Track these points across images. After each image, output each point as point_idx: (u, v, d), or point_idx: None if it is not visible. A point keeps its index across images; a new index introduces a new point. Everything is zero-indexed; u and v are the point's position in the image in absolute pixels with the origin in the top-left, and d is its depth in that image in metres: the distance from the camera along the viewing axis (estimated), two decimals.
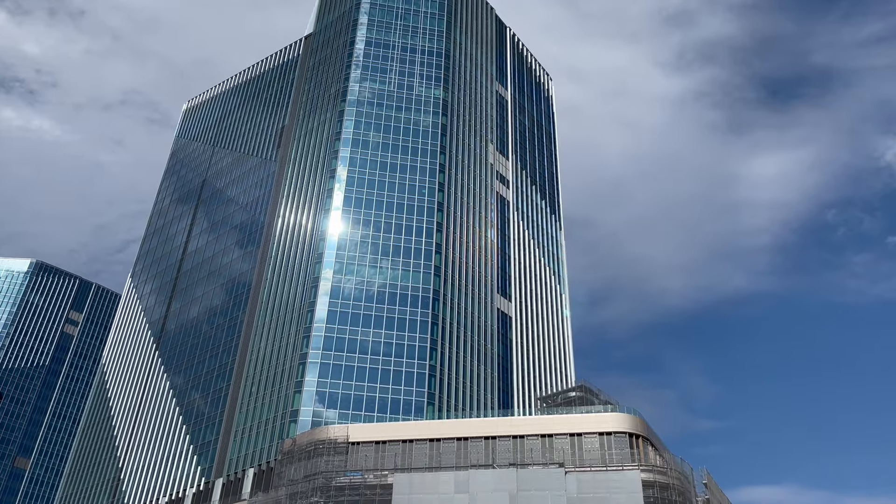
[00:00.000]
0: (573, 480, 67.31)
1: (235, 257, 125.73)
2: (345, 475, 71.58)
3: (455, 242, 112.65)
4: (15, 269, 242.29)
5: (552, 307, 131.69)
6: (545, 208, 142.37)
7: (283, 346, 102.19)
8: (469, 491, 67.96)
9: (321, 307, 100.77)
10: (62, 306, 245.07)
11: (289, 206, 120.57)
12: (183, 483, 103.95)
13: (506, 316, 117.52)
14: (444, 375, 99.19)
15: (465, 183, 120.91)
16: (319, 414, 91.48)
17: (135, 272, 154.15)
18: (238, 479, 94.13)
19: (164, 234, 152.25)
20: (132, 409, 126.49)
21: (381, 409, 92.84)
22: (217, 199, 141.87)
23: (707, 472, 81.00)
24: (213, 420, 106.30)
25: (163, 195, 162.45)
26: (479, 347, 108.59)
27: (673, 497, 67.57)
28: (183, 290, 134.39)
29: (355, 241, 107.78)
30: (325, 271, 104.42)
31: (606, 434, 72.28)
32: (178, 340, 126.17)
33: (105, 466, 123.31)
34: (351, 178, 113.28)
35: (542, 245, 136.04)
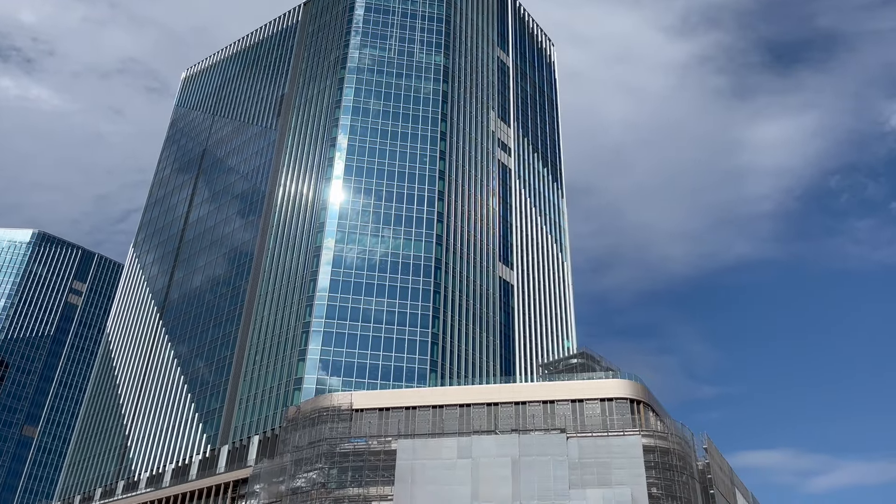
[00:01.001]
0: (574, 445, 68.10)
1: (237, 227, 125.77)
2: (349, 441, 72.44)
3: (457, 211, 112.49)
4: (17, 240, 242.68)
5: (554, 275, 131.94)
6: (547, 176, 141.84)
7: (286, 314, 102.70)
8: (472, 456, 68.81)
9: (323, 276, 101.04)
10: (65, 276, 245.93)
11: (290, 175, 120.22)
12: (189, 450, 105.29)
13: (508, 284, 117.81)
14: (447, 343, 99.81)
15: (466, 151, 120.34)
16: (323, 382, 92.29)
17: (137, 242, 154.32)
18: (243, 446, 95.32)
19: (166, 203, 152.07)
20: (137, 377, 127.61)
21: (384, 376, 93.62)
22: (218, 168, 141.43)
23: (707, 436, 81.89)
24: (218, 388, 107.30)
25: (163, 165, 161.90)
26: (481, 315, 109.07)
27: (673, 461, 68.39)
28: (185, 260, 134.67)
29: (357, 210, 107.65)
30: (327, 240, 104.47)
31: (607, 400, 72.94)
32: (182, 310, 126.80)
33: (112, 434, 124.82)
34: (352, 147, 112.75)
35: (543, 213, 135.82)
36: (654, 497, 65.75)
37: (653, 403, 75.69)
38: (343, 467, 71.08)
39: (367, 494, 69.20)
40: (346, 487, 69.91)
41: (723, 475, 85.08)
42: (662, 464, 67.75)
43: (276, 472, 77.05)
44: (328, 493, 69.73)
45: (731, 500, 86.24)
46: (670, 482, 67.09)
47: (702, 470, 78.21)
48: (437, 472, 68.32)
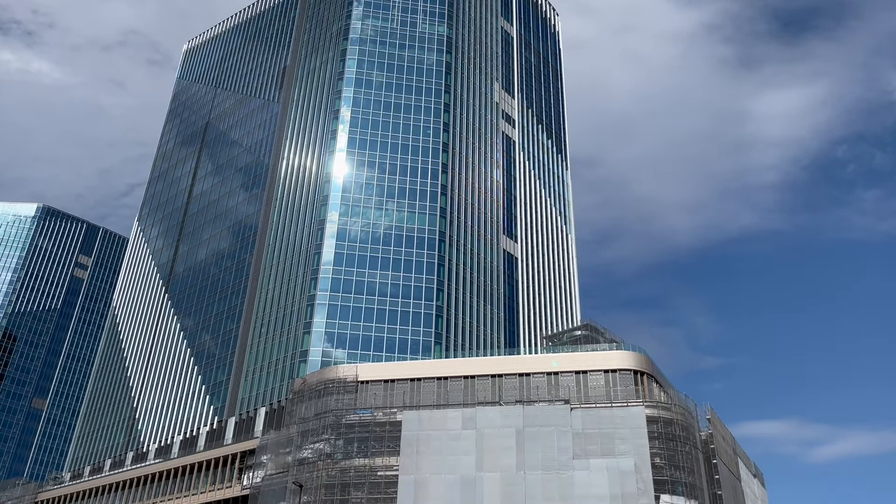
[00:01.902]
0: (578, 416, 68.61)
1: (241, 200, 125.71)
2: (354, 413, 73.09)
3: (460, 183, 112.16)
4: (22, 214, 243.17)
5: (558, 247, 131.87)
6: (551, 148, 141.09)
7: (290, 287, 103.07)
8: (476, 427, 69.42)
9: (328, 249, 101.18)
10: (71, 250, 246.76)
11: (293, 147, 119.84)
12: (197, 422, 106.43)
13: (512, 256, 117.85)
14: (451, 316, 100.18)
15: (470, 123, 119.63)
16: (328, 354, 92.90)
17: (141, 216, 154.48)
18: (250, 418, 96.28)
19: (169, 177, 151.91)
20: (144, 350, 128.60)
21: (388, 349, 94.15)
22: (221, 141, 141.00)
23: (710, 407, 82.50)
24: (224, 361, 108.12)
25: (166, 138, 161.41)
26: (486, 288, 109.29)
27: (676, 432, 68.91)
28: (190, 234, 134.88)
29: (360, 184, 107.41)
30: (331, 214, 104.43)
31: (611, 371, 73.32)
32: (187, 283, 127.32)
33: (120, 406, 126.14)
34: (355, 119, 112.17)
35: (547, 185, 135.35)
36: (658, 467, 66.37)
37: (656, 374, 76.08)
38: (349, 438, 71.81)
39: (372, 465, 69.99)
40: (353, 458, 70.70)
41: (726, 445, 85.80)
42: (666, 434, 68.28)
43: (283, 443, 77.90)
44: (334, 464, 70.55)
45: (733, 470, 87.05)
46: (673, 452, 67.67)
47: (705, 440, 78.87)
48: (442, 443, 69.00)
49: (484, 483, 66.75)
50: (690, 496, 66.69)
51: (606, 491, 64.70)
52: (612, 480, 65.09)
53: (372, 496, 68.46)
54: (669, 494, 65.60)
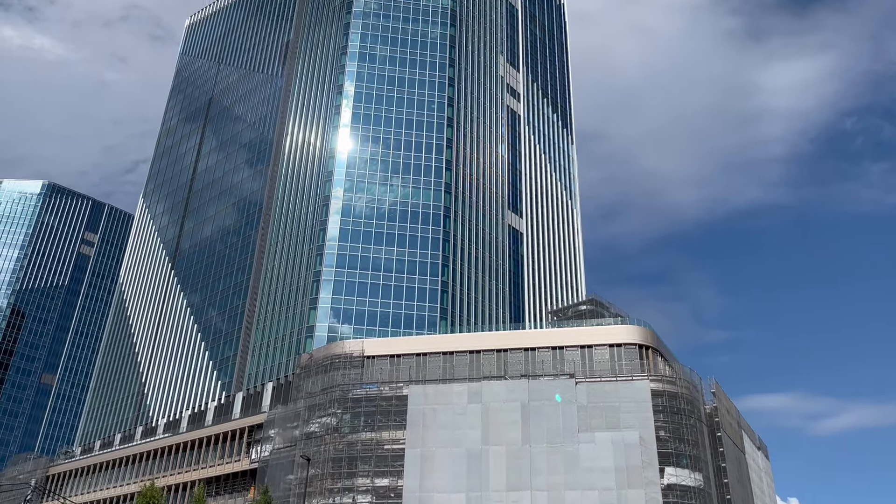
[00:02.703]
0: (583, 390, 68.94)
1: (246, 176, 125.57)
2: (361, 387, 73.59)
3: (465, 158, 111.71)
4: (28, 191, 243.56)
5: (563, 222, 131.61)
6: (557, 122, 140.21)
7: (296, 263, 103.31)
8: (482, 401, 69.86)
9: (333, 225, 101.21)
10: (77, 227, 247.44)
11: (297, 123, 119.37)
12: (205, 397, 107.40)
13: (517, 232, 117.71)
14: (457, 291, 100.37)
15: (475, 97, 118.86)
16: (335, 329, 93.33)
17: (146, 193, 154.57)
18: (257, 393, 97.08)
19: (174, 153, 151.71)
20: (152, 326, 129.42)
21: (394, 324, 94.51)
22: (225, 117, 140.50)
23: (715, 381, 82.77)
24: (231, 336, 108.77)
25: (170, 114, 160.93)
26: (491, 263, 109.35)
27: (681, 406, 69.24)
28: (195, 210, 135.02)
29: (365, 159, 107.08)
30: (336, 190, 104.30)
31: (616, 346, 73.49)
32: (193, 259, 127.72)
33: (129, 382, 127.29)
34: (359, 94, 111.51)
35: (553, 160, 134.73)
36: (662, 440, 66.80)
37: (661, 349, 76.26)
38: (356, 412, 72.39)
39: (379, 439, 70.62)
40: (359, 432, 71.32)
41: (730, 418, 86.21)
42: (670, 408, 68.62)
43: (290, 417, 78.61)
44: (341, 438, 71.20)
45: (738, 443, 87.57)
46: (678, 426, 68.06)
47: (709, 413, 79.24)
48: (448, 417, 69.51)
49: (489, 456, 67.34)
50: (695, 468, 67.20)
51: (611, 464, 65.21)
52: (617, 453, 65.57)
53: (378, 469, 69.17)
54: (674, 467, 66.11)
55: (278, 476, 74.30)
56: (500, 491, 65.59)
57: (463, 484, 66.46)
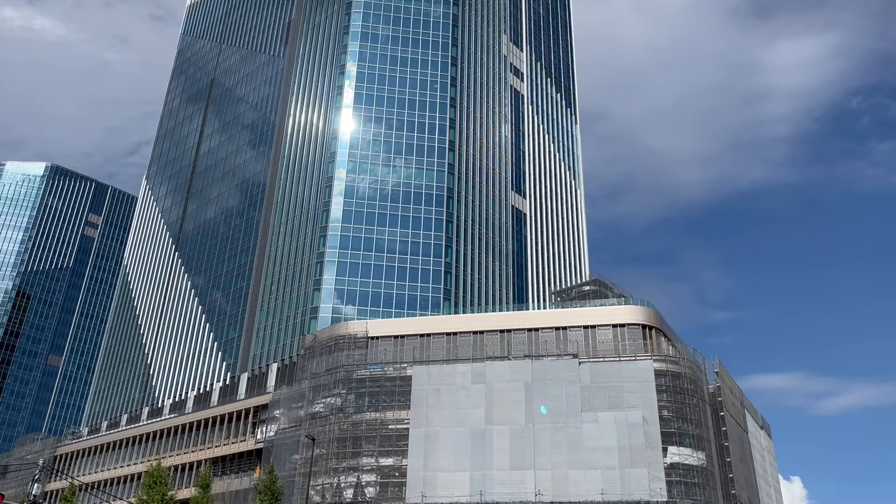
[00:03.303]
0: (587, 370, 69.19)
1: (248, 157, 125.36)
2: (365, 368, 73.93)
3: (468, 139, 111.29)
4: (31, 173, 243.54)
5: (567, 203, 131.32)
6: (560, 101, 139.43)
7: (300, 245, 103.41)
8: (485, 381, 70.18)
9: (336, 207, 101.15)
10: (81, 209, 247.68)
11: (299, 104, 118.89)
12: (210, 377, 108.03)
13: (520, 213, 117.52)
14: (460, 272, 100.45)
15: (478, 76, 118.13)
16: (339, 310, 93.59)
17: (149, 174, 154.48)
18: (262, 374, 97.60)
19: (176, 135, 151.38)
20: (157, 308, 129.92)
21: (398, 305, 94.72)
22: (227, 98, 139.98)
23: (718, 361, 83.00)
24: (236, 318, 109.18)
25: (172, 96, 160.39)
26: (494, 244, 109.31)
27: (684, 385, 69.48)
28: (198, 192, 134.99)
29: (367, 140, 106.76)
30: (339, 171, 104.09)
31: (620, 326, 73.62)
32: (197, 241, 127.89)
33: (135, 363, 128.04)
34: (361, 74, 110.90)
35: (556, 140, 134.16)
36: (665, 419, 67.10)
37: (665, 329, 76.38)
38: (360, 393, 72.78)
39: (383, 418, 71.05)
40: (364, 412, 71.76)
41: (733, 398, 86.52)
42: (674, 387, 68.87)
43: (295, 397, 79.07)
44: (346, 418, 71.66)
45: (740, 422, 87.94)
46: (681, 405, 68.34)
47: (712, 393, 79.53)
48: (452, 397, 69.88)
49: (493, 436, 67.77)
50: (697, 447, 67.56)
51: (614, 443, 65.59)
52: (620, 432, 65.93)
53: (383, 449, 69.66)
54: (677, 446, 66.48)
55: (284, 456, 74.89)
56: (503, 470, 66.08)
57: (467, 463, 66.96)
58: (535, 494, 64.13)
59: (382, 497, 67.65)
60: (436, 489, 65.80)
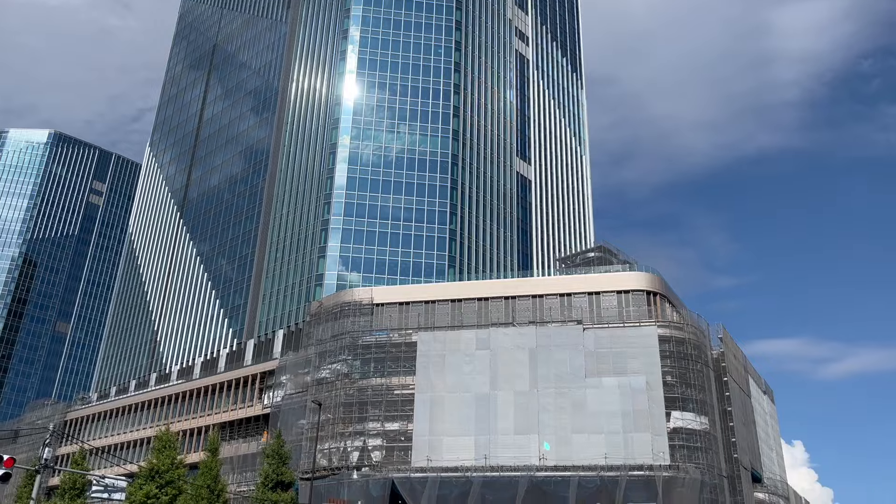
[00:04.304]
0: (591, 336, 69.43)
1: (252, 124, 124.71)
2: (371, 334, 74.33)
3: (473, 104, 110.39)
4: (35, 141, 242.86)
5: (572, 169, 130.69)
6: (566, 66, 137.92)
7: (304, 212, 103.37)
8: (490, 348, 70.55)
9: (340, 174, 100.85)
10: (85, 177, 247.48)
11: (302, 69, 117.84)
12: (217, 344, 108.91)
13: (525, 179, 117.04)
14: (465, 239, 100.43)
15: (482, 41, 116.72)
16: (344, 277, 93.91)
17: (153, 141, 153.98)
18: (269, 340, 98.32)
19: (179, 102, 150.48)
20: (163, 275, 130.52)
21: (403, 272, 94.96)
22: (229, 64, 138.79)
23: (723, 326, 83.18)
24: (241, 285, 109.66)
25: (174, 62, 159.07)
26: (499, 211, 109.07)
27: (688, 351, 69.74)
28: (202, 159, 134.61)
29: (371, 106, 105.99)
30: (343, 138, 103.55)
31: (624, 292, 73.67)
32: (202, 208, 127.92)
33: (142, 329, 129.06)
34: (364, 39, 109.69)
35: (562, 105, 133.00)
36: (669, 385, 67.51)
37: (669, 295, 76.46)
38: (366, 359, 73.31)
39: (389, 384, 71.65)
40: (370, 377, 72.36)
41: (737, 363, 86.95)
42: (677, 353, 69.13)
43: (301, 363, 79.73)
44: (352, 383, 72.30)
45: (744, 388, 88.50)
46: (685, 370, 68.68)
47: (716, 358, 79.89)
48: (457, 363, 70.35)
49: (498, 401, 68.34)
50: (701, 412, 68.06)
51: (618, 408, 66.08)
52: (624, 398, 66.40)
53: (389, 414, 70.38)
54: (680, 411, 66.97)
55: (290, 421, 75.75)
56: (508, 434, 66.75)
57: (472, 427, 67.65)
58: (538, 458, 64.87)
59: (388, 461, 68.54)
60: (441, 453, 66.59)
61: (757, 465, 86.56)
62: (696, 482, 63.78)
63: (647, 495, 61.98)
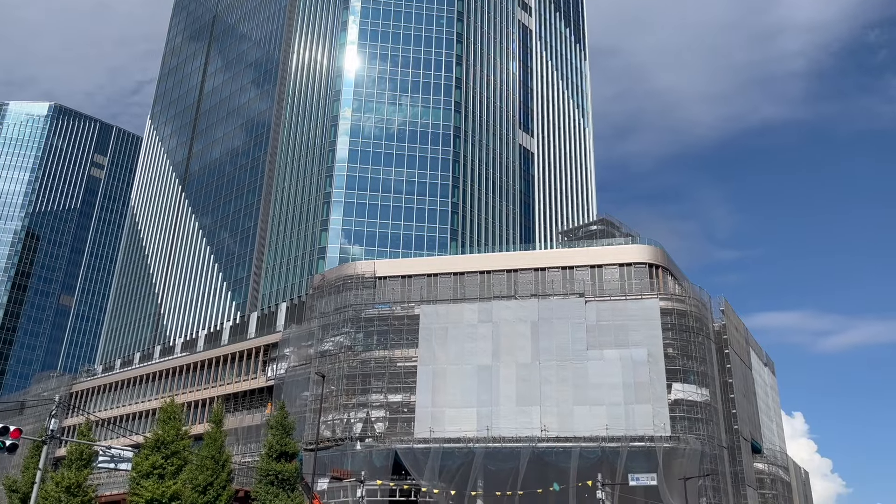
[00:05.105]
0: (593, 309, 69.64)
1: (253, 97, 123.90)
2: (373, 307, 74.63)
3: (475, 76, 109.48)
4: (35, 113, 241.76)
5: (575, 141, 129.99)
6: (569, 37, 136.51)
7: (306, 185, 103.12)
8: (492, 320, 70.82)
9: (342, 146, 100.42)
10: (86, 150, 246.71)
11: (303, 41, 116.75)
12: (220, 317, 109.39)
13: (528, 152, 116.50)
14: (467, 212, 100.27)
15: (485, 11, 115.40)
16: (346, 251, 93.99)
17: (153, 114, 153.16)
18: (272, 313, 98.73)
19: (179, 74, 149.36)
20: (166, 248, 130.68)
21: (405, 245, 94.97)
22: (230, 35, 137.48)
23: (724, 299, 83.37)
24: (244, 258, 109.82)
25: (174, 33, 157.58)
26: (501, 184, 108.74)
27: (690, 323, 69.98)
28: (203, 132, 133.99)
29: (373, 78, 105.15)
30: (344, 110, 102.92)
31: (626, 265, 73.78)
32: (203, 182, 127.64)
33: (145, 302, 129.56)
34: (366, 9, 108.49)
35: (565, 77, 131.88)
36: (670, 357, 67.85)
37: (671, 268, 76.52)
38: (369, 331, 73.67)
39: (392, 356, 72.09)
40: (372, 350, 72.78)
41: (738, 335, 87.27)
42: (679, 325, 69.37)
43: (305, 336, 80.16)
44: (355, 356, 72.74)
45: (745, 360, 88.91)
46: (686, 343, 68.98)
47: (718, 331, 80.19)
48: (460, 336, 70.67)
49: (500, 373, 68.78)
50: (702, 384, 68.47)
51: (619, 380, 66.49)
52: (625, 370, 66.77)
53: (392, 386, 70.90)
54: (681, 383, 67.37)
55: (294, 392, 76.36)
56: (510, 406, 67.29)
57: (474, 399, 68.16)
58: (540, 430, 65.42)
59: (391, 432, 69.18)
60: (443, 424, 67.16)
61: (757, 435, 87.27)
62: (697, 453, 64.37)
63: (647, 466, 62.62)
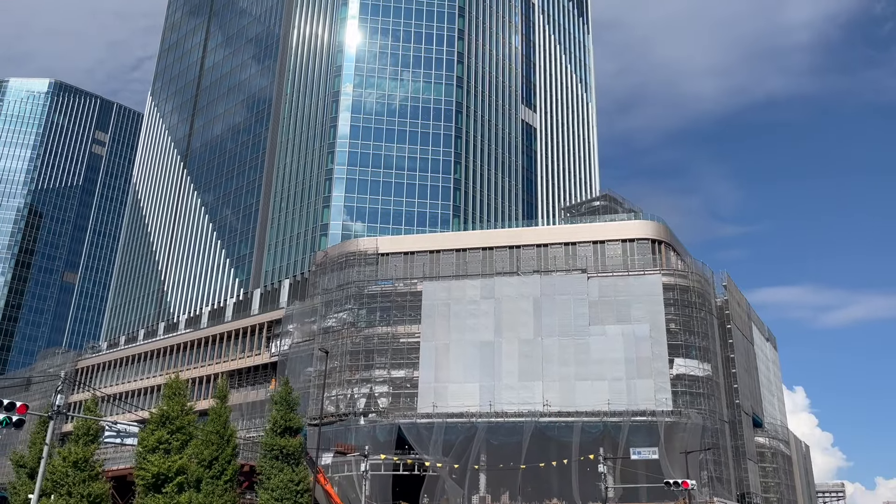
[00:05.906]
0: (595, 285, 69.75)
1: (253, 72, 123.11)
2: (376, 284, 74.81)
3: (477, 50, 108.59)
4: (35, 90, 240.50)
5: (578, 117, 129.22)
6: (573, 10, 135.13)
7: (308, 161, 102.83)
8: (495, 296, 71.01)
9: (343, 123, 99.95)
10: (87, 126, 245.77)
11: (303, 15, 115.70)
12: (224, 293, 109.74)
13: (530, 127, 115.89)
14: (469, 188, 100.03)
15: None
16: (348, 227, 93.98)
17: (154, 91, 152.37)
18: (275, 290, 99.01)
19: (179, 49, 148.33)
20: (168, 225, 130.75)
21: (407, 221, 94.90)
22: (230, 9, 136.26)
23: (727, 274, 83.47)
24: (247, 235, 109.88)
25: (173, 8, 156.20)
26: (504, 160, 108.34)
27: (692, 299, 70.09)
28: (204, 108, 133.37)
29: (374, 53, 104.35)
30: (346, 86, 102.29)
31: (629, 241, 73.72)
32: (205, 158, 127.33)
33: (149, 279, 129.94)
34: None
35: (568, 51, 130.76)
36: (672, 332, 68.06)
37: (674, 243, 76.47)
38: (371, 308, 73.92)
39: (395, 332, 72.41)
40: (375, 326, 73.08)
41: (740, 311, 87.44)
42: (681, 301, 69.50)
43: (308, 312, 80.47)
44: (358, 332, 73.06)
45: (747, 335, 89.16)
46: (688, 318, 69.14)
47: (720, 306, 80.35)
48: (462, 312, 70.91)
49: (502, 349, 69.11)
50: (703, 359, 68.75)
51: (621, 355, 66.79)
52: (627, 345, 67.03)
53: (395, 361, 71.31)
54: (683, 358, 67.66)
55: (298, 368, 76.85)
56: (512, 381, 67.69)
57: (476, 374, 68.56)
58: (542, 405, 65.86)
59: (395, 407, 69.71)
60: (446, 399, 67.65)
61: (758, 410, 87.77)
62: (698, 427, 64.82)
63: (649, 440, 63.09)
